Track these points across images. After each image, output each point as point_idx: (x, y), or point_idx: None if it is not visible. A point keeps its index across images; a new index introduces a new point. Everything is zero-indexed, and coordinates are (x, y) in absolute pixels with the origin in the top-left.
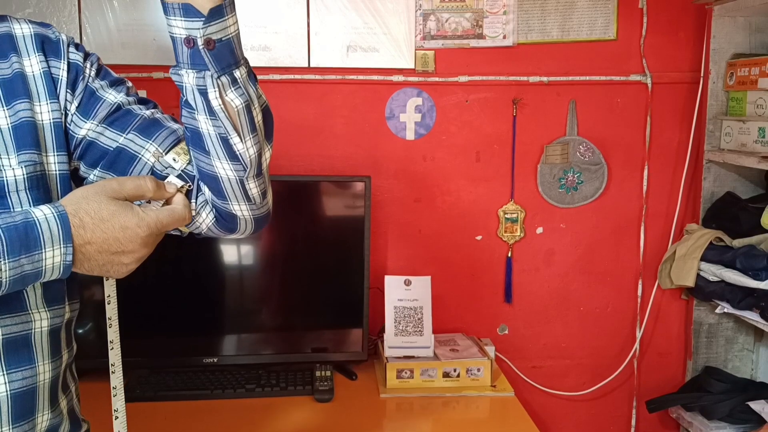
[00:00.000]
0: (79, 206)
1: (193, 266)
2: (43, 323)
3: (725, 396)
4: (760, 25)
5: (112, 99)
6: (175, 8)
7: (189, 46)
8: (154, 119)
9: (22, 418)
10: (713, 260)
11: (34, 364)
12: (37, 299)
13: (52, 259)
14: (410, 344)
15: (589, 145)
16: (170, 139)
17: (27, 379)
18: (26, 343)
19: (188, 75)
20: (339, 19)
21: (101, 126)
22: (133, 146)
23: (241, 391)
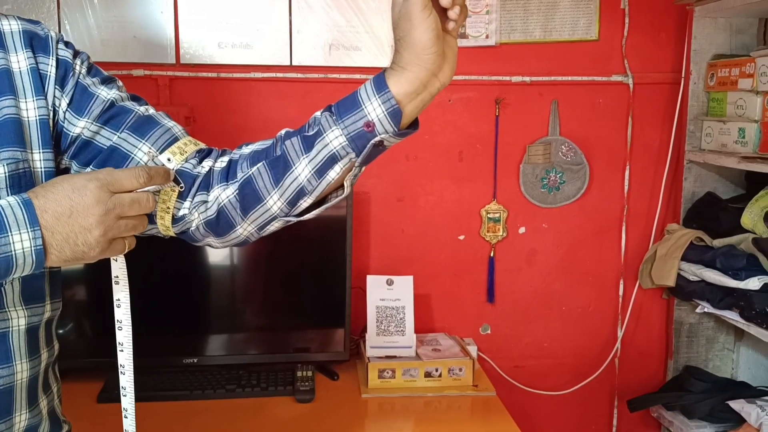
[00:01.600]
0: (46, 189)
1: (174, 266)
2: (20, 321)
3: (706, 395)
4: (741, 26)
5: (105, 95)
6: (385, 108)
7: (368, 130)
8: (148, 117)
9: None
10: (693, 260)
11: (11, 362)
12: (14, 297)
13: (21, 243)
14: (392, 344)
15: (571, 145)
16: (164, 138)
17: (3, 378)
18: (3, 341)
19: (337, 140)
20: (321, 17)
21: (96, 124)
22: (126, 145)
23: (221, 392)
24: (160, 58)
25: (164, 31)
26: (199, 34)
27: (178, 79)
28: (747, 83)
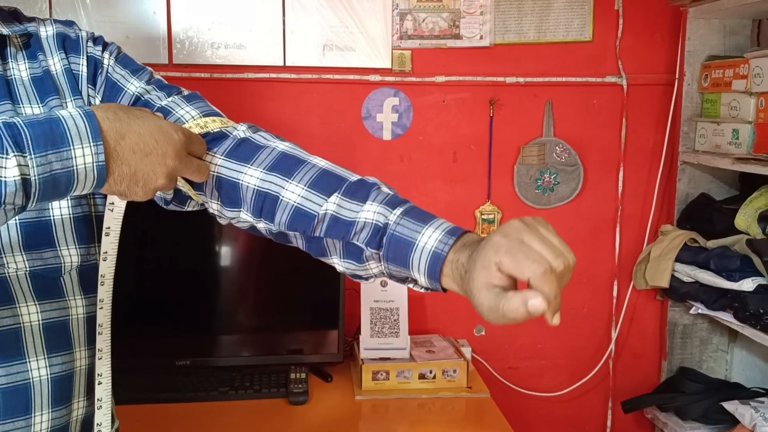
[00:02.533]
0: (109, 107)
1: (166, 267)
2: (80, 310)
3: (700, 396)
4: (735, 27)
5: (133, 89)
6: (429, 284)
7: (409, 281)
8: (164, 108)
9: (59, 402)
10: (687, 261)
11: (71, 349)
12: (74, 286)
13: (83, 158)
14: (386, 345)
15: (565, 146)
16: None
17: (66, 364)
18: (64, 330)
19: (376, 269)
20: (315, 17)
21: None
22: None
23: (214, 394)
24: (152, 58)
25: (157, 32)
26: (192, 35)
27: (171, 80)
28: (741, 84)
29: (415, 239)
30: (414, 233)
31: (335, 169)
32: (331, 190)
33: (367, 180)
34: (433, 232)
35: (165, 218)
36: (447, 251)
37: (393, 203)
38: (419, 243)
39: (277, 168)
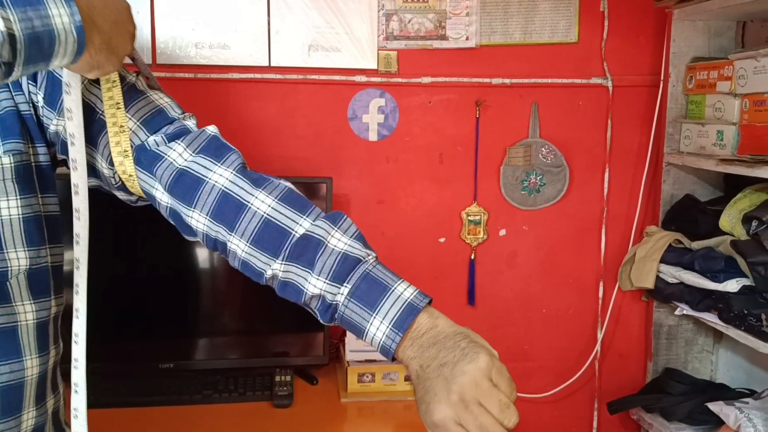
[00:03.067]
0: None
1: (149, 268)
2: (29, 316)
3: (685, 397)
4: (719, 29)
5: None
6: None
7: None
8: (131, 86)
9: (8, 413)
10: (672, 262)
11: (21, 357)
12: (21, 291)
13: (60, 18)
14: (372, 348)
15: (551, 147)
16: (144, 111)
17: (15, 373)
18: (13, 336)
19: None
20: (300, 18)
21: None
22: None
23: (198, 397)
24: None
25: (140, 31)
26: (176, 34)
27: None
28: (725, 86)
29: (365, 327)
30: (363, 321)
31: (279, 214)
32: (276, 250)
33: (312, 235)
34: (380, 323)
35: (147, 219)
36: (395, 348)
37: (340, 276)
38: (369, 331)
39: (218, 216)
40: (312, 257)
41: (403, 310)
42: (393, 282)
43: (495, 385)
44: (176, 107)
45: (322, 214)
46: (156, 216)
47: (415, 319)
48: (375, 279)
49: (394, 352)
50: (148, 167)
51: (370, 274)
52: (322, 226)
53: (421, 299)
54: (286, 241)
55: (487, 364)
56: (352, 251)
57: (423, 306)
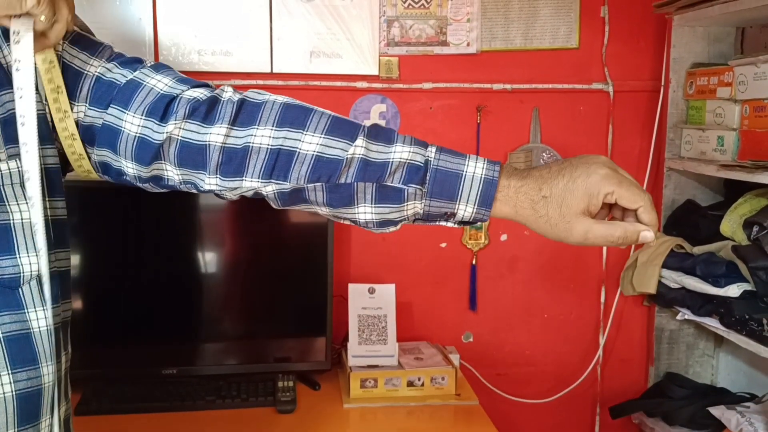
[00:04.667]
0: None
1: (152, 274)
2: (41, 323)
3: (686, 402)
4: (719, 35)
5: (92, 71)
6: (473, 216)
7: (447, 216)
8: (131, 81)
9: (27, 421)
10: (674, 267)
11: (37, 364)
12: (34, 297)
13: None
14: (374, 353)
15: (552, 152)
16: (147, 102)
17: (32, 380)
18: (28, 343)
19: (413, 209)
20: (302, 24)
21: (89, 108)
22: (115, 120)
23: (201, 403)
24: None
25: (143, 38)
26: (179, 41)
27: None
28: (725, 92)
29: (462, 170)
30: (459, 165)
31: (344, 117)
32: (353, 134)
33: (381, 125)
34: (476, 162)
35: (150, 225)
36: (497, 177)
37: (421, 143)
38: (467, 173)
39: (286, 121)
40: (389, 137)
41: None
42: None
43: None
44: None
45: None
46: (159, 222)
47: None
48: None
49: (497, 182)
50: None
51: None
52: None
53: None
54: (360, 127)
55: (605, 158)
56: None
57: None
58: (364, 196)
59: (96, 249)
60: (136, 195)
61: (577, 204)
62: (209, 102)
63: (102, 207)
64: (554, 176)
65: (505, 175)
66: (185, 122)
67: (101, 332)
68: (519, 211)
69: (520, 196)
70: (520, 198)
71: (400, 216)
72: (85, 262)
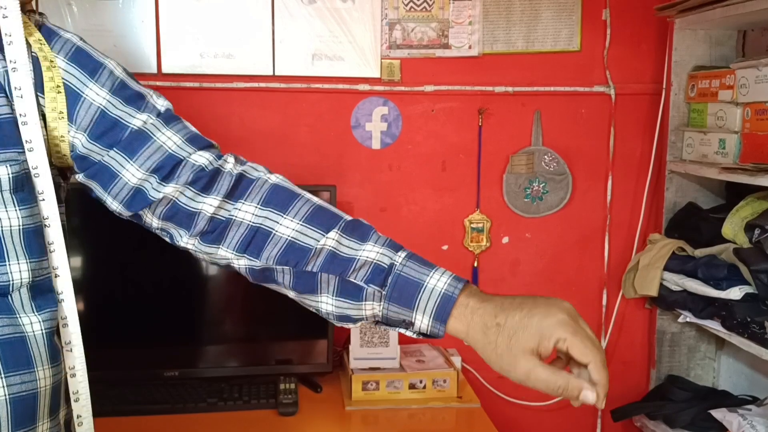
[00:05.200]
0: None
1: (153, 276)
2: (35, 327)
3: (688, 404)
4: (720, 38)
5: (96, 100)
6: (430, 331)
7: (405, 326)
8: (141, 132)
9: (21, 425)
10: (675, 270)
11: (32, 368)
12: (24, 304)
13: None
14: (376, 355)
15: (553, 155)
16: (154, 158)
17: (26, 384)
18: (22, 346)
19: (372, 311)
20: (304, 27)
21: (87, 140)
22: (115, 164)
23: (203, 405)
24: (141, 67)
25: (145, 41)
26: (181, 44)
27: (160, 89)
28: (727, 95)
29: (424, 281)
30: (422, 275)
31: (329, 206)
32: (329, 226)
33: (362, 221)
34: (441, 276)
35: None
36: (457, 294)
37: (394, 246)
38: (428, 284)
39: (271, 202)
40: (365, 234)
41: (456, 275)
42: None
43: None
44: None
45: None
46: None
47: (467, 281)
48: (423, 258)
49: (456, 299)
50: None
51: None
52: (366, 222)
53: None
54: (340, 220)
55: (569, 306)
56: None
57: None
58: (327, 287)
59: (98, 251)
60: None
61: (527, 341)
62: (211, 174)
63: (103, 209)
64: (514, 307)
65: (466, 294)
66: (185, 188)
67: (103, 334)
68: (470, 332)
69: (475, 317)
70: (474, 319)
71: (358, 314)
72: (86, 265)
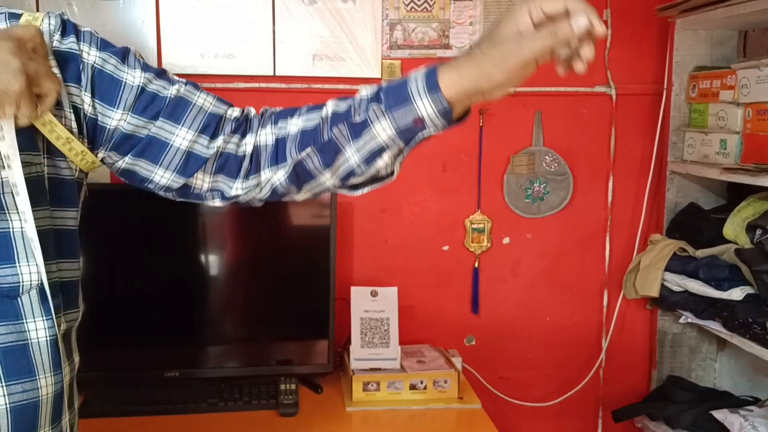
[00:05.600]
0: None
1: (155, 277)
2: (40, 333)
3: (689, 405)
4: (721, 38)
5: (133, 81)
6: (435, 108)
7: (418, 125)
8: (179, 98)
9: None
10: (677, 270)
11: (34, 376)
12: (33, 307)
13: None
14: (376, 356)
15: (554, 155)
16: (199, 119)
17: (27, 393)
18: (24, 354)
19: (386, 132)
20: (305, 27)
21: (132, 116)
22: (163, 134)
23: (203, 406)
24: None
25: (146, 41)
26: (181, 44)
27: None
28: (728, 95)
29: (406, 78)
30: (403, 78)
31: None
32: (321, 106)
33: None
34: (417, 69)
35: (153, 228)
36: (437, 65)
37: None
38: (410, 76)
39: (280, 116)
40: (352, 97)
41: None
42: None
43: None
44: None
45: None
46: (162, 225)
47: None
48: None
49: (437, 67)
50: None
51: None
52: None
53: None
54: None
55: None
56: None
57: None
58: (344, 138)
59: (99, 252)
60: (139, 198)
61: (507, 33)
62: (245, 120)
63: (105, 210)
64: (483, 36)
65: (442, 63)
66: (230, 137)
67: (104, 335)
68: (462, 73)
69: (460, 61)
70: (460, 63)
71: (376, 144)
72: (87, 265)
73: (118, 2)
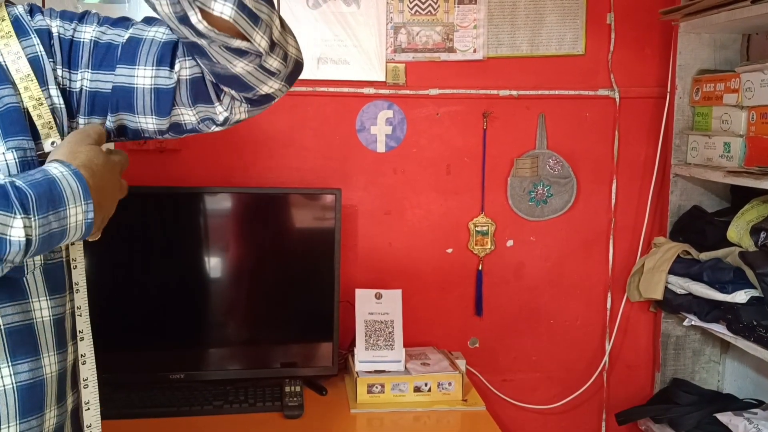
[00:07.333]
0: (79, 159)
1: (158, 279)
2: (44, 313)
3: (693, 408)
4: (725, 41)
5: (87, 37)
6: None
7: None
8: (131, 39)
9: (30, 413)
10: (680, 273)
11: (38, 355)
12: (38, 286)
13: (75, 216)
14: (381, 358)
15: (558, 158)
16: (153, 52)
17: (33, 371)
18: (30, 334)
19: (160, 4)
20: (309, 31)
21: (91, 72)
22: (124, 80)
23: (208, 408)
24: None
25: None
26: None
27: None
28: (732, 98)
29: None
30: None
31: None
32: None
33: None
34: None
35: (157, 230)
36: None
37: None
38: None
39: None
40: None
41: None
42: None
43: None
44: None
45: None
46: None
47: None
48: None
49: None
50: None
51: None
52: None
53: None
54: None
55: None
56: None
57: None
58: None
59: (103, 254)
60: (143, 201)
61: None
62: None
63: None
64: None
65: None
66: (186, 60)
67: (108, 337)
68: None
69: None
70: None
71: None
72: (92, 268)
73: (124, 5)
